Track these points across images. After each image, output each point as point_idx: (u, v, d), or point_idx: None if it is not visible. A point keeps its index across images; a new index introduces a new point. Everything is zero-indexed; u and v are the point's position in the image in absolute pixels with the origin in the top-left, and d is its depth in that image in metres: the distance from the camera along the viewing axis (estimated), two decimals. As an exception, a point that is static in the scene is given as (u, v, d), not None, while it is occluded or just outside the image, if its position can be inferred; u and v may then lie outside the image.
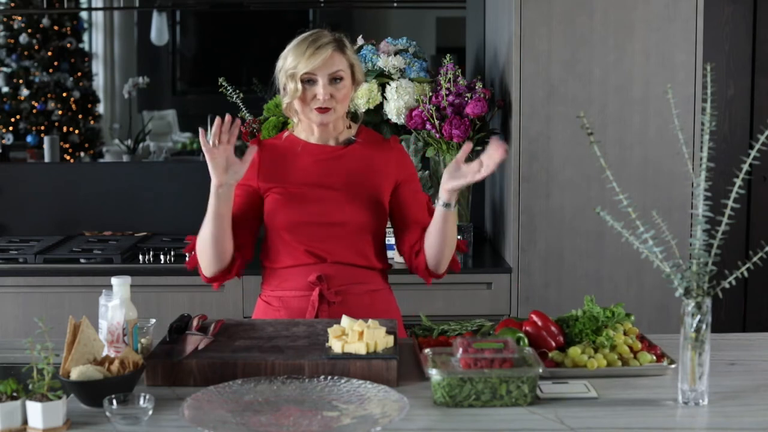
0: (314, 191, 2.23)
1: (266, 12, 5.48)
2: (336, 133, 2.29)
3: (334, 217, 2.21)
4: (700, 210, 1.69)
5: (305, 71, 2.18)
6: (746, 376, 1.89)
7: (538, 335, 1.95)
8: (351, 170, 2.26)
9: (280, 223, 2.24)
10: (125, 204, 3.78)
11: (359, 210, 2.23)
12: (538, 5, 3.10)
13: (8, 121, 5.63)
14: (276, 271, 2.28)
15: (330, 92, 2.20)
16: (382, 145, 2.33)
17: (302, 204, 2.22)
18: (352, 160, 2.27)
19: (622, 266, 3.17)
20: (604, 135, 3.12)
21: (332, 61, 2.19)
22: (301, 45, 2.21)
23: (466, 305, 3.15)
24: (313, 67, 2.18)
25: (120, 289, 1.87)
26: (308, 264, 2.24)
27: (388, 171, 2.30)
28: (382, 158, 2.30)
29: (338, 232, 2.22)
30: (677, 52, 3.13)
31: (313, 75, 2.19)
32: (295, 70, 2.19)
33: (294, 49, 2.22)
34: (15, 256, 3.24)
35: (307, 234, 2.22)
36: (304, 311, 2.23)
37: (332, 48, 2.20)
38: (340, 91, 2.21)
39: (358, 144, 2.30)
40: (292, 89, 2.21)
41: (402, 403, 1.62)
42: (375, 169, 2.28)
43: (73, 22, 5.97)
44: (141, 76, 5.71)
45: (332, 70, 2.20)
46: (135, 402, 1.60)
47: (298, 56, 2.19)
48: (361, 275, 2.26)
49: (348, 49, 2.25)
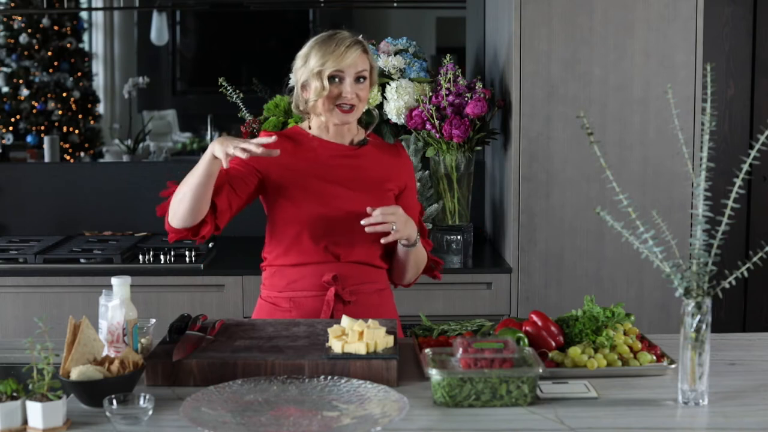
0: (334, 188, 2.22)
1: (266, 12, 5.48)
2: (350, 135, 2.29)
3: (350, 215, 2.19)
4: (700, 210, 1.70)
5: (335, 69, 2.17)
6: (746, 376, 1.89)
7: (538, 335, 1.95)
8: (367, 170, 2.26)
9: (303, 216, 2.19)
10: (125, 204, 3.78)
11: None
12: (538, 5, 3.10)
13: (8, 121, 5.64)
14: (284, 269, 2.25)
15: (355, 91, 2.20)
16: (391, 150, 2.35)
17: (324, 199, 2.20)
18: (366, 160, 2.28)
19: (622, 266, 3.17)
20: (604, 135, 3.12)
21: (359, 61, 2.20)
22: (327, 43, 2.19)
23: (466, 305, 3.15)
24: (344, 64, 2.17)
25: (120, 289, 1.87)
26: (322, 262, 2.22)
27: (397, 176, 2.31)
28: (393, 163, 2.32)
29: (355, 229, 2.18)
30: (677, 52, 3.13)
31: (340, 72, 2.18)
32: (323, 67, 2.17)
33: (319, 47, 2.20)
34: (15, 256, 3.24)
35: (328, 230, 2.20)
36: (318, 311, 2.21)
37: (359, 48, 2.20)
38: (363, 90, 2.22)
39: (371, 145, 2.31)
40: (318, 87, 2.19)
41: (402, 403, 1.62)
42: (386, 171, 2.29)
43: (73, 22, 5.97)
44: (141, 76, 5.72)
45: (359, 69, 2.20)
46: (135, 402, 1.60)
47: (325, 54, 2.18)
48: (371, 274, 2.27)
49: (369, 51, 2.25)
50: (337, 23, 4.26)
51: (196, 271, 3.17)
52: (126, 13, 6.35)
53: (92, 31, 6.28)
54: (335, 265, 2.22)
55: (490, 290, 3.17)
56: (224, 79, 3.40)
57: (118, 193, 3.79)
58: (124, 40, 6.38)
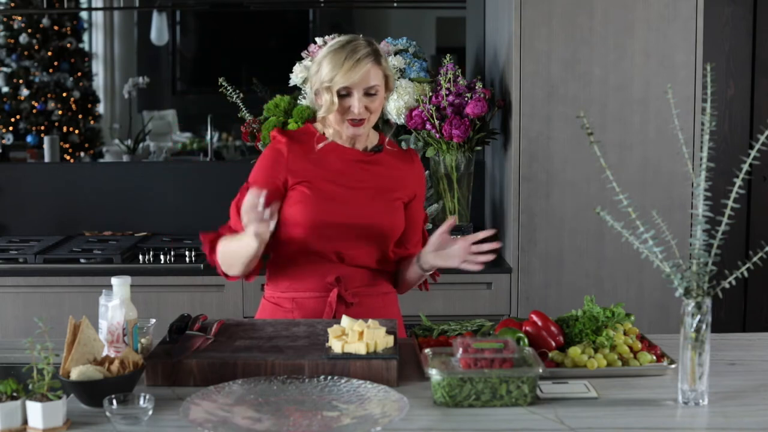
0: (343, 191, 2.20)
1: (266, 12, 5.48)
2: (365, 140, 2.28)
3: (362, 219, 2.19)
4: (700, 210, 1.70)
5: (343, 86, 2.15)
6: (746, 376, 1.89)
7: (538, 335, 1.95)
8: (379, 176, 2.24)
9: (308, 218, 2.18)
10: (125, 204, 3.78)
11: (384, 215, 2.22)
12: (538, 5, 3.10)
13: (8, 121, 5.64)
14: (288, 269, 2.24)
15: (365, 104, 2.17)
16: (405, 157, 2.34)
17: (332, 202, 2.19)
18: (380, 166, 2.26)
19: (622, 266, 3.17)
20: (604, 135, 3.12)
21: (369, 75, 2.15)
22: (338, 55, 2.16)
23: (466, 305, 3.16)
24: (352, 82, 2.14)
25: (120, 289, 1.87)
26: (326, 263, 2.22)
27: (409, 183, 2.30)
28: (406, 170, 2.31)
29: (363, 234, 2.19)
30: (677, 52, 3.13)
31: (349, 89, 2.16)
32: (332, 83, 2.15)
33: (331, 59, 2.16)
34: (15, 256, 3.24)
35: (334, 233, 2.19)
36: (321, 312, 2.21)
37: (370, 62, 2.15)
38: (374, 103, 2.18)
39: (385, 152, 2.29)
40: (328, 102, 2.17)
41: (402, 403, 1.62)
42: (399, 178, 2.28)
43: (73, 22, 5.97)
44: (141, 76, 5.72)
45: (369, 84, 2.16)
46: (135, 402, 1.60)
47: (335, 68, 2.14)
48: (375, 277, 2.27)
49: (383, 60, 2.20)
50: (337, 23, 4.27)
51: (196, 271, 3.17)
52: (126, 13, 6.35)
53: (92, 31, 6.28)
54: (339, 267, 2.22)
55: (490, 290, 3.17)
56: (224, 79, 3.40)
57: (118, 193, 3.79)
58: (124, 40, 6.38)
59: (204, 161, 4.91)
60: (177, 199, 3.77)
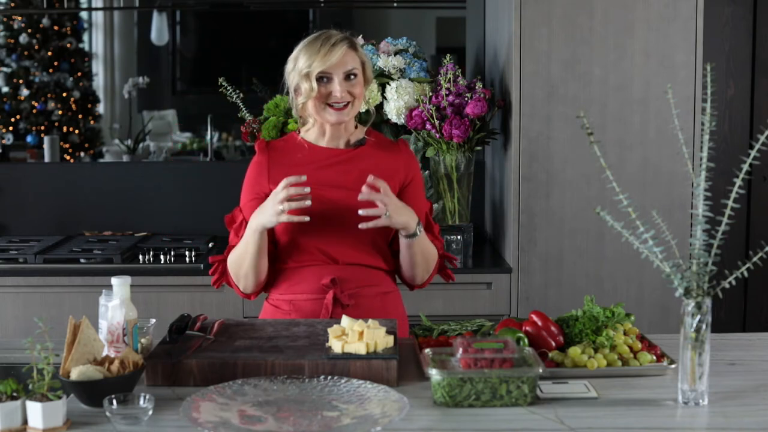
0: (327, 191, 2.20)
1: (266, 12, 5.48)
2: (347, 135, 2.27)
3: (348, 217, 2.18)
4: (700, 210, 1.70)
5: (321, 69, 2.17)
6: (746, 376, 1.89)
7: (538, 335, 1.95)
8: (364, 171, 2.22)
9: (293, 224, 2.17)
10: (125, 204, 3.78)
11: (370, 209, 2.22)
12: (538, 5, 3.10)
13: (8, 121, 5.64)
14: (285, 272, 2.25)
15: (346, 89, 2.19)
16: (391, 147, 2.32)
17: (316, 204, 2.17)
18: (362, 161, 2.25)
19: (622, 266, 3.17)
20: (604, 135, 3.12)
21: (347, 59, 2.19)
22: (313, 44, 2.20)
23: (466, 305, 3.15)
24: (330, 64, 2.17)
25: (120, 289, 1.87)
26: (320, 264, 2.22)
27: (396, 172, 2.27)
28: (392, 159, 2.29)
29: (351, 233, 2.18)
30: (677, 52, 3.13)
31: (328, 73, 2.18)
32: (310, 69, 2.17)
33: (306, 49, 2.20)
34: (15, 256, 3.24)
35: (321, 233, 2.20)
36: (317, 314, 2.20)
37: (346, 45, 2.20)
38: (356, 87, 2.21)
39: (369, 145, 2.28)
40: (307, 89, 2.19)
41: (402, 403, 1.62)
42: (384, 170, 2.24)
43: (73, 22, 5.97)
44: (141, 76, 5.71)
45: (347, 68, 2.19)
46: (135, 402, 1.60)
47: (311, 55, 2.18)
48: (373, 277, 2.25)
49: (358, 47, 2.24)
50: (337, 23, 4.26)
51: (196, 271, 3.17)
52: (126, 13, 6.35)
53: (92, 31, 6.28)
54: (334, 267, 2.22)
55: (490, 290, 3.17)
56: (224, 79, 3.40)
57: (118, 193, 3.79)
58: (124, 40, 6.37)
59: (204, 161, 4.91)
60: (177, 199, 3.77)
